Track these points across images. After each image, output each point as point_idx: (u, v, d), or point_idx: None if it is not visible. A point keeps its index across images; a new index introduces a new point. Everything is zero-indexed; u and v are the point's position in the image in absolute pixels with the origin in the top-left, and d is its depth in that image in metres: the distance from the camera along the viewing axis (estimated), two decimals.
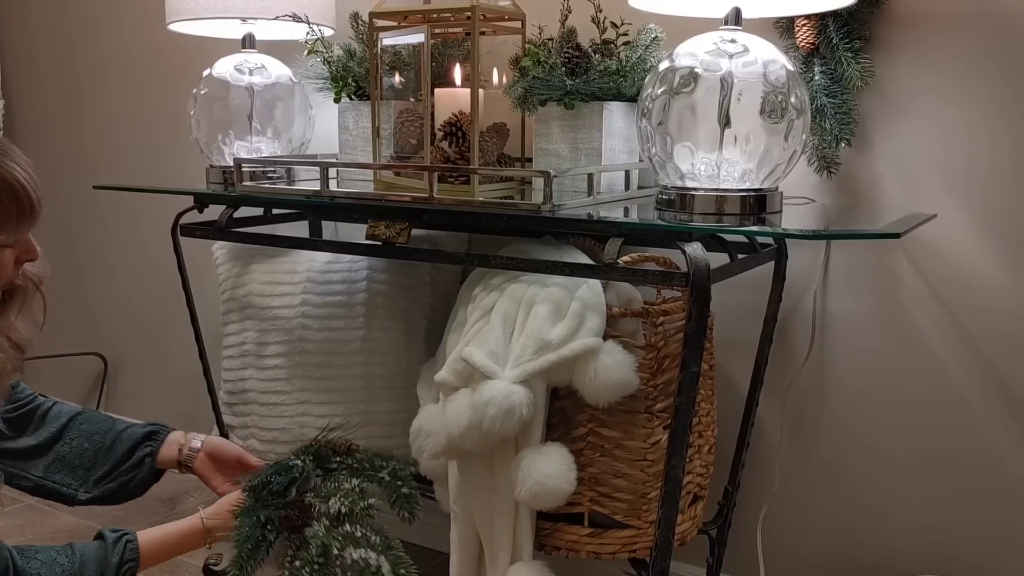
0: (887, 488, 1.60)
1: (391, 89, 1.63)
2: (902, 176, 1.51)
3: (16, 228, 1.14)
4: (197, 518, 1.35)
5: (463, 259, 1.49)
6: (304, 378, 1.77)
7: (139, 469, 1.42)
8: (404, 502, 1.35)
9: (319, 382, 1.76)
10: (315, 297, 1.76)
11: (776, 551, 1.70)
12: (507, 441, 1.39)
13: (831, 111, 1.47)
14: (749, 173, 1.27)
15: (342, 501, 1.29)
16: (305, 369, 1.76)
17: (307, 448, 1.42)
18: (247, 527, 1.29)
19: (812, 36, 1.47)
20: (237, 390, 1.84)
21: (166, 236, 1.81)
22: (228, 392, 1.86)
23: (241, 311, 1.82)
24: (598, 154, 1.49)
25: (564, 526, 1.47)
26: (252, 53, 1.87)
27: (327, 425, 1.47)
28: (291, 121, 1.87)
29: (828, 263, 1.59)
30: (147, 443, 1.43)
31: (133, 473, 1.42)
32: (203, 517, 1.35)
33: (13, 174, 1.13)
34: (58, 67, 2.72)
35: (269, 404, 1.80)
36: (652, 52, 1.49)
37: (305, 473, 1.35)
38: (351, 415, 1.74)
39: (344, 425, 1.49)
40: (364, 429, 1.74)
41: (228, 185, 1.81)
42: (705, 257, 1.24)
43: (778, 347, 1.62)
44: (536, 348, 1.35)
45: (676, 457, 1.29)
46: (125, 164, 2.56)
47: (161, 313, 2.50)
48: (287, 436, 1.78)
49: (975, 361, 1.50)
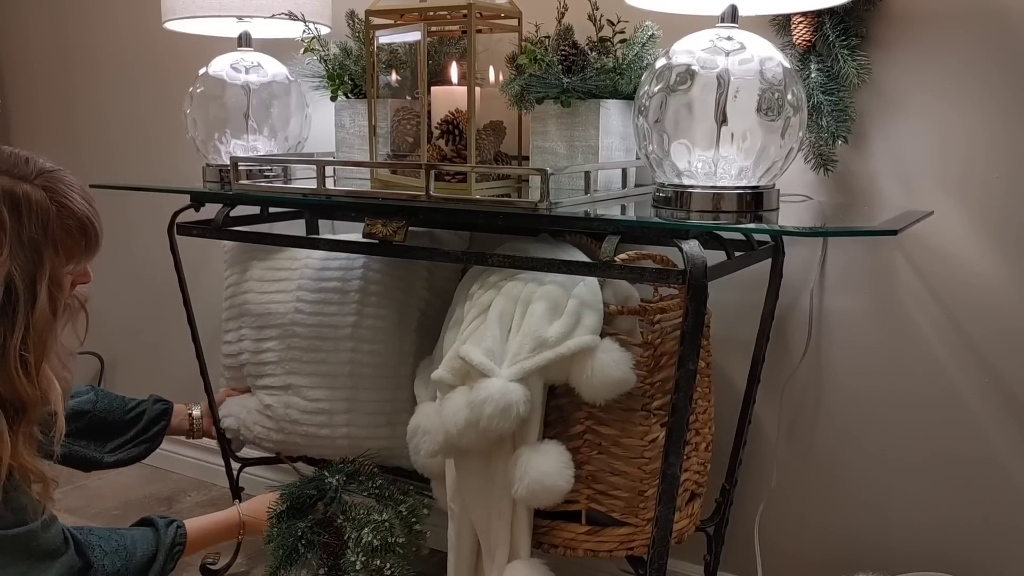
0: (884, 485, 1.60)
1: (388, 87, 1.63)
2: (899, 173, 1.51)
3: (82, 258, 1.27)
4: (235, 511, 1.61)
5: (460, 257, 1.49)
6: (293, 361, 1.77)
7: (155, 441, 1.81)
8: (415, 538, 1.57)
9: (307, 366, 1.76)
10: (311, 283, 1.77)
11: (773, 548, 1.70)
12: (504, 439, 1.39)
13: (828, 108, 1.47)
14: (746, 171, 1.27)
15: (374, 534, 1.49)
16: (294, 352, 1.77)
17: (341, 467, 1.64)
18: (281, 536, 1.51)
19: (808, 33, 1.47)
20: (238, 375, 1.87)
21: (162, 235, 1.81)
22: (230, 373, 1.90)
23: (242, 296, 1.84)
24: (595, 152, 1.49)
25: (561, 524, 1.47)
26: (248, 51, 1.87)
27: (367, 451, 1.70)
28: (287, 119, 1.87)
29: (825, 261, 1.59)
30: (161, 420, 1.82)
31: (151, 443, 1.80)
32: (240, 512, 1.60)
33: (83, 210, 1.25)
34: (54, 66, 2.71)
35: (260, 387, 1.82)
36: (649, 50, 1.48)
37: (336, 492, 1.57)
38: (336, 400, 1.74)
39: (372, 451, 1.71)
40: (348, 415, 1.74)
41: (224, 184, 1.80)
42: (702, 255, 1.24)
43: (775, 345, 1.62)
44: (533, 346, 1.35)
45: (673, 455, 1.30)
46: (121, 163, 2.56)
47: (157, 312, 2.49)
48: (272, 413, 1.79)
49: (972, 358, 1.50)
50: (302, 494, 1.55)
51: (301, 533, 1.49)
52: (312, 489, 1.58)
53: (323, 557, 1.49)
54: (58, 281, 1.22)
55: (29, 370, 1.18)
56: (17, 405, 1.17)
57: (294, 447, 1.81)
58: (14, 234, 1.17)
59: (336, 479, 1.59)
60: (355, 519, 1.49)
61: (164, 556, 1.43)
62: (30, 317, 1.17)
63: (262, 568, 2.00)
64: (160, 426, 1.81)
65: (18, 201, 1.18)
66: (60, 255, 1.22)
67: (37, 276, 1.18)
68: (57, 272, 1.22)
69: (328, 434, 1.75)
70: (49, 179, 1.23)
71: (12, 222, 1.17)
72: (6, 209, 1.17)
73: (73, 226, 1.23)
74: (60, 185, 1.24)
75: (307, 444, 1.78)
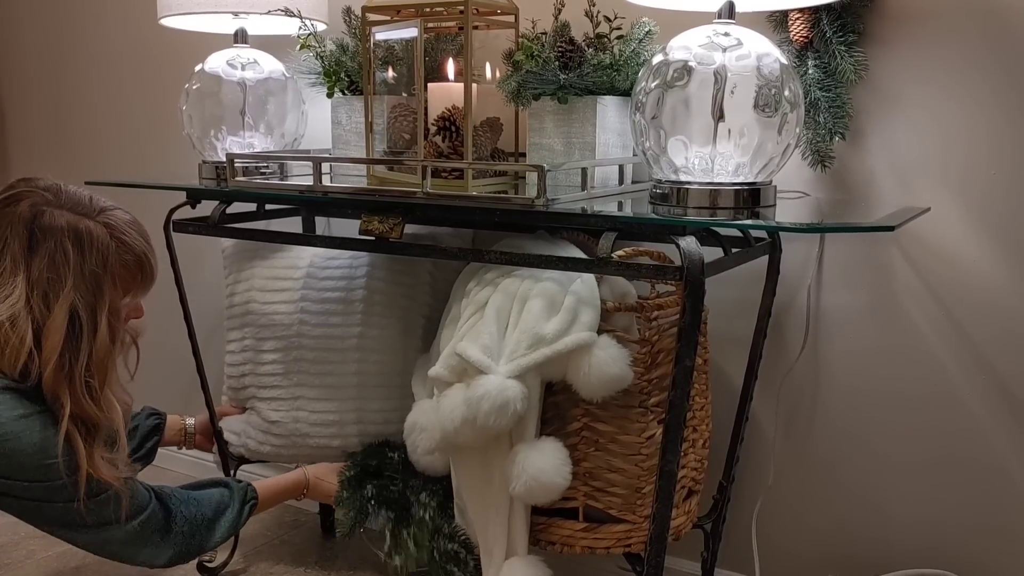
0: (881, 482, 1.60)
1: (384, 84, 1.63)
2: (896, 170, 1.51)
3: (138, 292, 1.38)
4: (303, 471, 1.68)
5: (456, 254, 1.49)
6: (300, 373, 1.76)
7: (148, 458, 1.78)
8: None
9: (314, 378, 1.75)
10: (314, 293, 1.76)
11: (771, 545, 1.70)
12: (501, 436, 1.39)
13: (825, 105, 1.47)
14: (743, 167, 1.27)
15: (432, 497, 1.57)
16: (301, 365, 1.76)
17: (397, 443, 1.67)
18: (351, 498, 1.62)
19: (806, 30, 1.47)
20: (238, 386, 1.85)
21: (158, 232, 1.80)
22: (230, 388, 1.87)
23: (244, 304, 1.83)
24: (592, 148, 1.49)
25: (559, 521, 1.47)
26: (244, 48, 1.86)
27: None
28: (284, 116, 1.86)
29: (822, 257, 1.59)
30: (154, 435, 1.79)
31: (144, 460, 1.76)
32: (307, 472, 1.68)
33: (140, 245, 1.36)
34: (49, 63, 2.71)
35: (266, 399, 1.80)
36: (646, 46, 1.48)
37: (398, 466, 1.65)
38: (344, 412, 1.74)
39: None
40: (357, 427, 1.74)
41: (220, 181, 1.80)
42: (699, 251, 1.24)
43: (772, 341, 1.62)
44: (530, 343, 1.35)
45: (670, 452, 1.29)
46: (116, 160, 2.55)
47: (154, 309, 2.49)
48: (279, 430, 1.78)
49: (969, 355, 1.50)
50: (365, 464, 1.67)
51: (371, 494, 1.61)
52: (373, 460, 1.67)
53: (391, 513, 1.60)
54: (116, 312, 1.33)
55: (94, 394, 1.28)
56: (88, 424, 1.28)
57: (306, 459, 1.80)
58: (77, 267, 1.27)
59: (396, 455, 1.66)
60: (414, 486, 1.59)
61: (239, 506, 1.54)
62: (92, 345, 1.28)
63: (259, 567, 2.01)
64: (153, 442, 1.81)
65: (81, 237, 1.29)
66: (118, 288, 1.33)
67: (98, 307, 1.29)
68: (115, 304, 1.32)
69: (340, 444, 1.75)
70: (109, 216, 1.33)
71: (76, 256, 1.28)
72: (71, 243, 1.28)
73: (131, 261, 1.34)
74: (119, 223, 1.34)
75: (319, 456, 1.77)
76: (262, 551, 2.08)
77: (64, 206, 1.31)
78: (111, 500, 1.32)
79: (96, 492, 1.30)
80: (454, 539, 1.52)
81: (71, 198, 1.32)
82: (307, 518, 2.23)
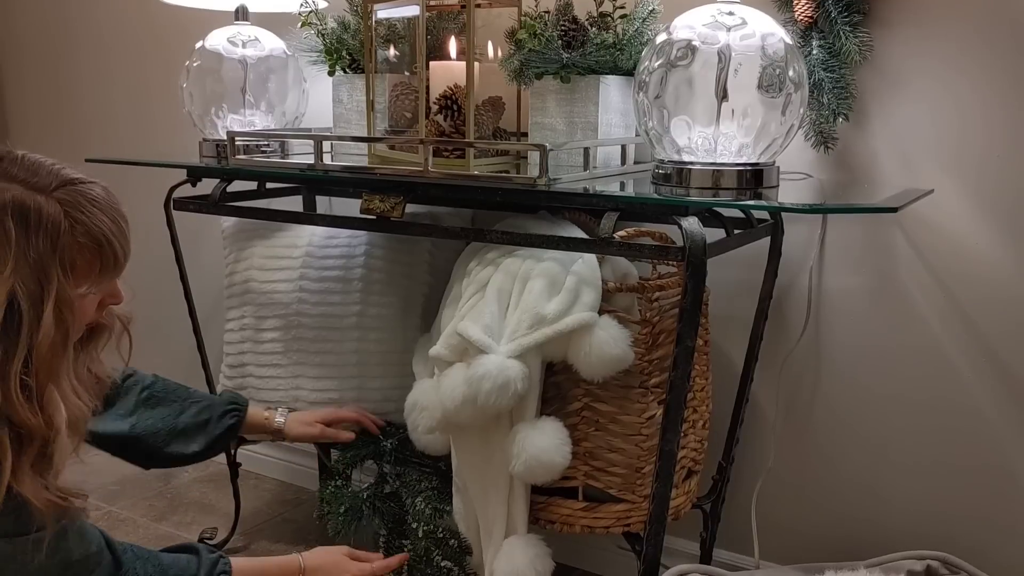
0: (881, 464, 1.60)
1: (386, 62, 1.62)
2: (899, 151, 1.50)
3: (98, 280, 1.16)
4: (297, 559, 1.43)
5: (458, 233, 1.49)
6: (299, 352, 1.76)
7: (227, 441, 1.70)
8: None
9: (314, 356, 1.75)
10: (313, 272, 1.76)
11: (770, 526, 1.71)
12: (502, 416, 1.39)
13: (829, 86, 1.46)
14: (746, 147, 1.26)
15: (426, 502, 1.57)
16: (300, 343, 1.76)
17: (392, 431, 1.70)
18: (341, 498, 1.62)
19: (810, 10, 1.46)
20: (236, 363, 1.85)
21: (159, 210, 1.80)
22: (228, 366, 1.87)
23: (243, 283, 1.82)
24: (594, 128, 1.48)
25: (559, 500, 1.47)
26: (245, 25, 1.85)
27: None
28: (285, 94, 1.85)
29: (824, 239, 1.59)
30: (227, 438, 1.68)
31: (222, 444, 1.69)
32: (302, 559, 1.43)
33: (100, 227, 1.13)
34: (49, 39, 2.69)
35: (264, 377, 1.80)
36: (649, 25, 1.47)
37: (391, 455, 1.66)
38: (344, 390, 1.74)
39: None
40: (357, 404, 1.74)
41: (221, 159, 1.79)
42: (701, 232, 1.23)
43: (773, 323, 1.62)
44: (531, 323, 1.35)
45: (671, 432, 1.30)
46: (117, 137, 2.54)
47: (154, 288, 2.48)
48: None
49: (971, 337, 1.50)
50: (358, 455, 1.67)
51: (366, 496, 1.61)
52: (367, 450, 1.67)
53: (386, 521, 1.62)
54: (68, 302, 1.11)
55: (30, 395, 1.07)
56: (22, 431, 1.07)
57: None
58: (20, 249, 1.07)
59: (390, 443, 1.66)
60: (409, 485, 1.58)
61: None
62: (33, 339, 1.07)
63: (259, 544, 2.01)
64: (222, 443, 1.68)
65: (27, 214, 1.08)
66: (70, 276, 1.11)
67: (44, 296, 1.08)
68: (66, 293, 1.11)
69: None
70: (70, 192, 1.12)
71: (19, 236, 1.07)
72: (13, 222, 1.06)
73: (86, 244, 1.12)
74: (81, 198, 1.13)
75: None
76: (263, 528, 2.09)
77: (15, 178, 1.09)
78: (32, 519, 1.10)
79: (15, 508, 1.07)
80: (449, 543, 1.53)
81: (27, 168, 1.10)
82: (308, 496, 2.23)
